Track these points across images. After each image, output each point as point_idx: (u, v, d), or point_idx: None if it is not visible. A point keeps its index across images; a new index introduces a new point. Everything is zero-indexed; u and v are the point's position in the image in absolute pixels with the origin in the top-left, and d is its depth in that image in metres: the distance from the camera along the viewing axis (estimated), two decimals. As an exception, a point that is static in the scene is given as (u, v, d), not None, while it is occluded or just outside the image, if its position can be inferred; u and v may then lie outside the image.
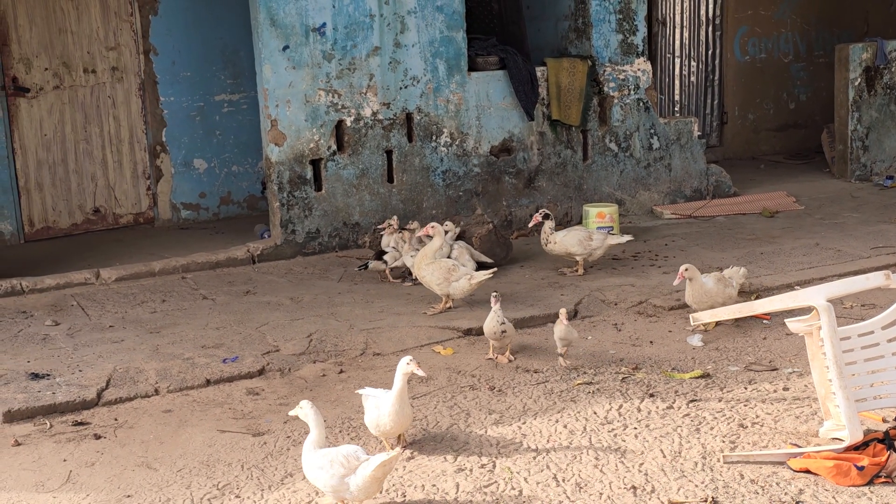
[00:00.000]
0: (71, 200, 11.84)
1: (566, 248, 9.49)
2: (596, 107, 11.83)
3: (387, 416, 5.76)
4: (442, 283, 8.37)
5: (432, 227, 8.53)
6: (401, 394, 5.76)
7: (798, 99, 16.31)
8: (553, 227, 9.56)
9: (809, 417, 6.24)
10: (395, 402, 5.76)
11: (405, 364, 5.75)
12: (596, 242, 9.51)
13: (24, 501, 5.54)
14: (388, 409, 5.76)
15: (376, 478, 5.04)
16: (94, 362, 7.58)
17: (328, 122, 10.48)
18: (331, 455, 5.13)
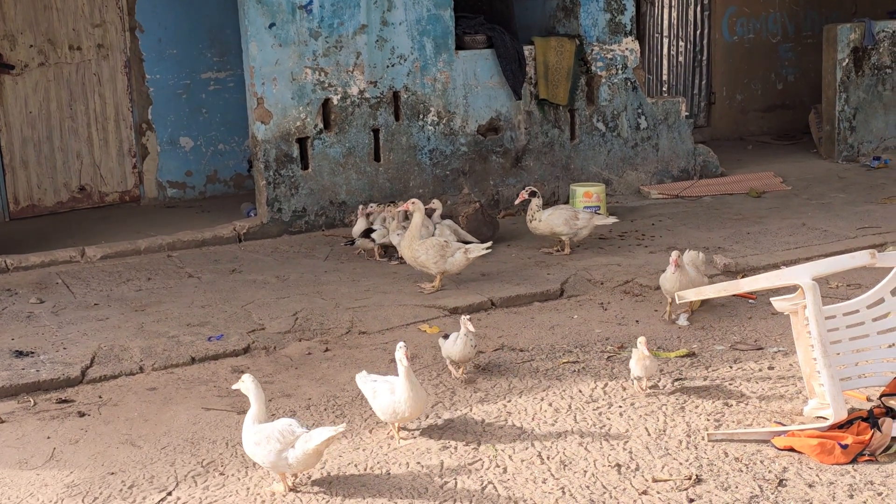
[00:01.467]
0: (56, 178, 11.78)
1: (551, 227, 9.47)
2: (584, 86, 11.80)
3: (404, 402, 5.65)
4: (438, 261, 8.33)
5: (412, 203, 8.45)
6: (409, 377, 5.66)
7: (786, 79, 16.29)
8: (540, 204, 9.54)
9: (794, 396, 6.25)
10: (408, 387, 5.66)
11: (398, 349, 5.73)
12: (581, 222, 9.49)
13: (8, 478, 5.53)
14: (403, 394, 5.65)
15: (318, 451, 5.15)
16: (79, 340, 7.56)
17: (315, 101, 10.44)
18: (266, 431, 5.18)
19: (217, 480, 5.42)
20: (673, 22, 15.25)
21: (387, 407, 5.71)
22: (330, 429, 5.14)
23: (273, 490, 5.28)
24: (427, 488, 5.24)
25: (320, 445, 5.11)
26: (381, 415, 5.77)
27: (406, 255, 8.50)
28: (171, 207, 12.03)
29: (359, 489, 5.26)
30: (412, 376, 5.68)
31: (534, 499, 5.09)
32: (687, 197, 11.78)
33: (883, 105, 13.75)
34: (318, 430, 5.16)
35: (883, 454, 5.41)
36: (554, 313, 8.07)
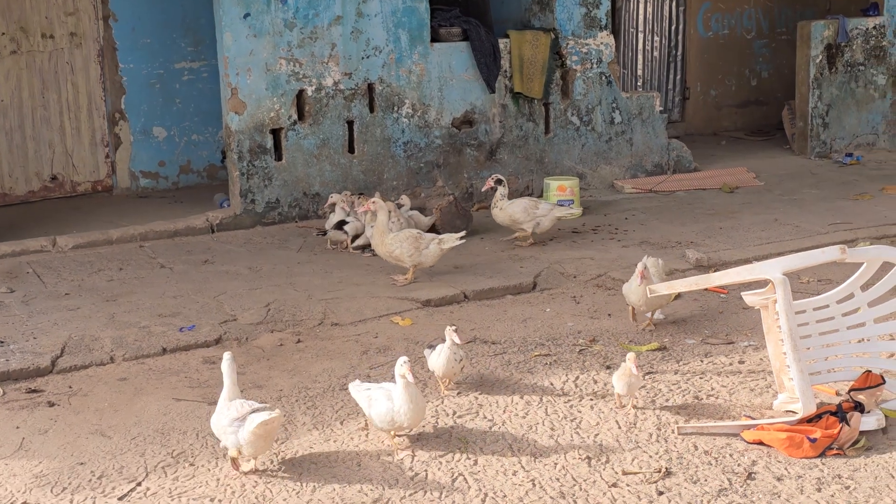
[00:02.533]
0: (28, 167, 11.71)
1: (510, 215, 9.49)
2: (558, 80, 11.81)
3: (404, 411, 5.41)
4: (413, 254, 8.29)
5: (373, 203, 8.36)
6: (408, 387, 5.41)
7: (760, 75, 16.36)
8: (505, 193, 9.55)
9: (764, 390, 6.28)
10: (407, 396, 5.41)
11: (400, 365, 5.44)
12: (541, 211, 9.50)
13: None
14: (403, 404, 5.41)
15: (259, 435, 5.19)
16: (49, 330, 7.52)
17: (289, 92, 10.41)
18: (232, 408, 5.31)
19: (187, 471, 5.40)
20: (648, 17, 15.28)
21: (384, 415, 5.47)
22: (264, 413, 5.20)
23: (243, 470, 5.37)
24: (398, 479, 5.24)
25: (257, 429, 5.15)
26: (379, 423, 5.52)
27: (380, 250, 8.42)
28: (143, 197, 11.98)
29: (329, 480, 5.25)
30: (412, 387, 5.43)
31: (504, 491, 5.10)
32: (660, 192, 11.81)
33: (856, 102, 13.83)
34: (255, 414, 5.22)
35: (851, 448, 5.44)
36: (526, 306, 8.08)
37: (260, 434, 5.19)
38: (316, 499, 5.07)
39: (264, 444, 5.27)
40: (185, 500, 5.09)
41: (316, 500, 5.05)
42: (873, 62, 13.83)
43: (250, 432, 5.17)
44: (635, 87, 15.14)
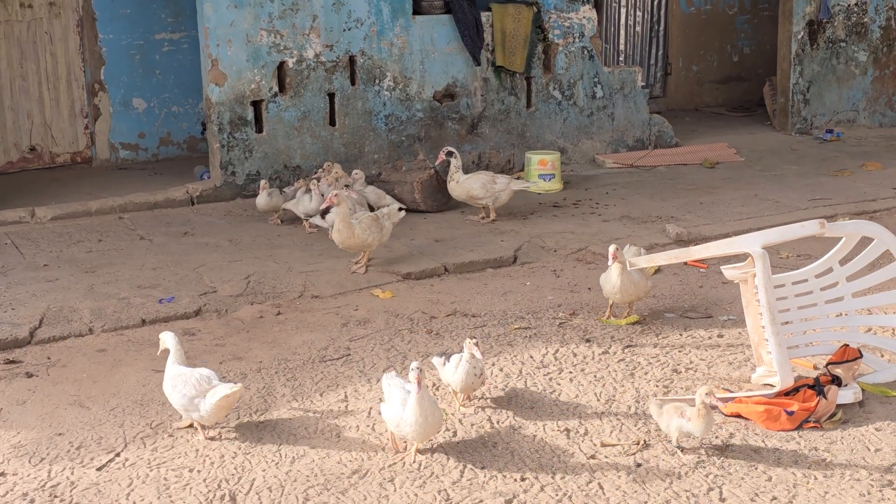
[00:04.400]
0: (6, 138, 11.62)
1: (468, 190, 9.46)
2: (540, 54, 11.78)
3: (409, 425, 5.03)
4: (378, 233, 8.10)
5: (335, 196, 7.93)
6: (421, 400, 5.01)
7: (742, 51, 16.37)
8: (458, 165, 9.50)
9: (742, 364, 6.31)
10: (418, 409, 5.00)
11: (411, 370, 5.07)
12: (499, 186, 9.48)
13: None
14: (410, 417, 5.01)
15: (221, 406, 5.31)
16: (28, 301, 7.48)
17: (270, 63, 10.35)
18: (185, 376, 5.40)
19: (166, 442, 5.40)
20: (631, -9, 15.25)
21: (392, 419, 5.15)
22: (227, 386, 5.31)
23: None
24: (377, 451, 5.25)
25: (220, 401, 5.27)
26: (387, 423, 5.24)
27: (348, 243, 8.01)
28: (123, 169, 11.91)
29: (308, 451, 5.26)
30: (426, 399, 5.05)
31: (483, 462, 5.11)
32: (641, 166, 11.82)
33: (836, 78, 13.85)
34: (219, 386, 5.32)
35: (828, 421, 5.48)
36: (507, 280, 8.09)
37: (221, 406, 5.30)
38: (295, 470, 5.07)
39: (223, 414, 5.41)
40: (164, 470, 5.09)
41: (295, 472, 5.05)
42: (854, 39, 13.84)
43: (212, 405, 5.27)
44: (617, 61, 15.11)
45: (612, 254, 6.85)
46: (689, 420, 5.13)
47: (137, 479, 5.00)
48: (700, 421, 5.10)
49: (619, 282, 6.85)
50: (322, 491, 4.86)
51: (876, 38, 13.97)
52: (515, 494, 4.81)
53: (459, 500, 4.76)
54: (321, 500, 4.78)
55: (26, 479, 5.03)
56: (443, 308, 7.43)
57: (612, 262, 6.85)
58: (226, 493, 4.86)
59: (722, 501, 4.74)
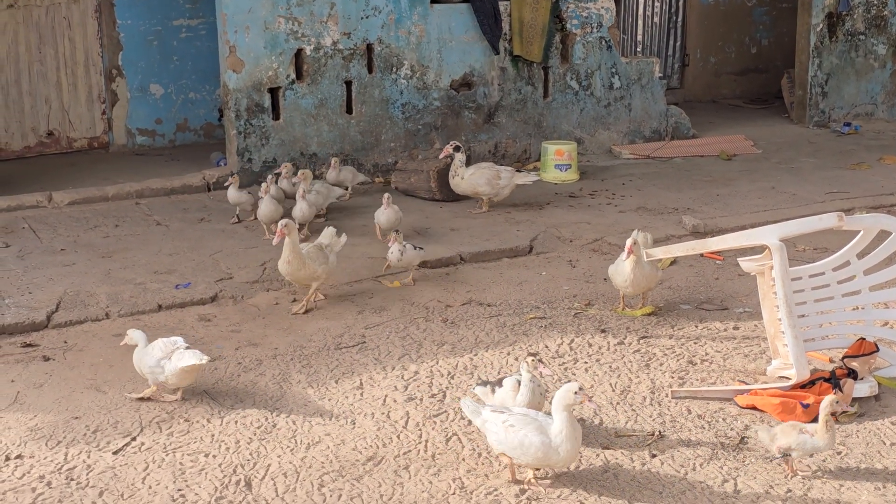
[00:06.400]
0: (24, 122, 11.66)
1: (474, 186, 9.46)
2: (558, 43, 11.76)
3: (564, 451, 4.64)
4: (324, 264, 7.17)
5: (285, 227, 6.94)
6: (572, 422, 4.66)
7: (760, 43, 16.29)
8: (463, 160, 9.50)
9: (758, 356, 6.30)
10: (571, 434, 4.64)
11: (572, 394, 4.64)
12: (503, 181, 9.48)
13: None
14: (564, 443, 4.63)
15: (185, 371, 5.56)
16: (45, 285, 7.51)
17: (287, 50, 10.35)
18: (154, 344, 5.68)
19: (182, 427, 5.42)
20: (649, -18, 15.21)
21: (535, 448, 4.64)
22: (196, 356, 5.54)
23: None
24: (392, 439, 5.26)
25: (186, 367, 5.51)
26: (522, 457, 4.70)
27: (298, 275, 7.13)
28: (140, 155, 11.93)
29: (323, 437, 5.27)
30: (574, 423, 4.70)
31: (498, 451, 5.12)
32: (658, 158, 11.79)
33: (855, 71, 13.78)
34: (188, 353, 5.55)
35: (843, 414, 5.46)
36: (522, 269, 8.09)
37: (186, 372, 5.56)
38: (310, 456, 5.08)
39: (189, 380, 5.65)
40: (180, 455, 5.11)
41: (310, 458, 5.06)
42: (874, 32, 13.77)
43: (177, 369, 5.53)
44: (635, 52, 15.07)
45: (628, 247, 6.75)
46: (812, 435, 4.81)
47: (153, 464, 5.02)
48: (827, 434, 4.80)
49: (633, 274, 6.82)
50: (337, 477, 4.88)
51: (895, 30, 13.89)
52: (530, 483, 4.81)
53: (474, 489, 4.77)
54: (336, 487, 4.79)
55: (43, 461, 5.06)
56: (458, 297, 7.44)
57: (626, 257, 6.75)
58: (241, 478, 4.88)
59: (737, 493, 4.74)
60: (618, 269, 6.96)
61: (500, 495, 4.71)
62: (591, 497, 4.69)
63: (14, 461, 5.06)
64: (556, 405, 4.65)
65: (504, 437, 4.70)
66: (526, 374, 5.17)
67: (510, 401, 5.13)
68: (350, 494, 4.72)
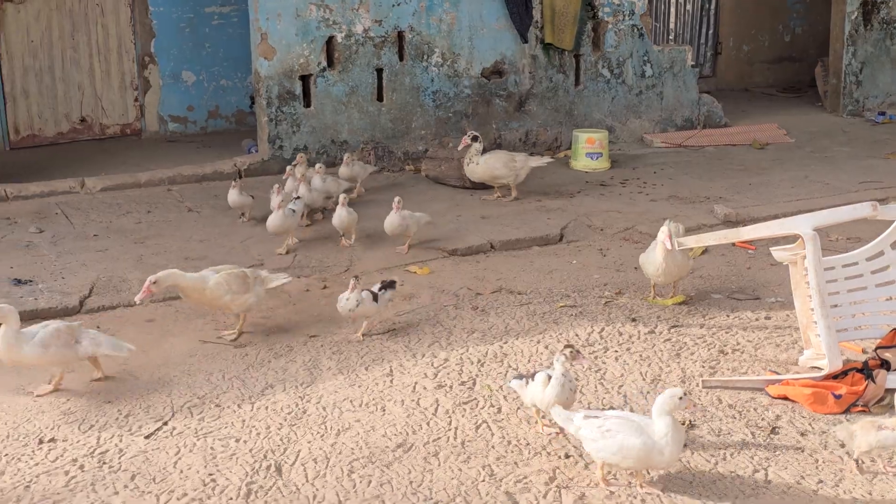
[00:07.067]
0: (57, 109, 11.73)
1: (491, 170, 9.43)
2: (590, 31, 11.71)
3: (669, 453, 4.53)
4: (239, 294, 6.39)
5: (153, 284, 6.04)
6: (676, 424, 4.56)
7: (793, 31, 16.18)
8: (480, 149, 9.47)
9: (790, 346, 6.26)
10: (677, 436, 4.54)
11: (676, 400, 4.55)
12: (519, 164, 9.46)
13: (6, 404, 5.55)
14: (670, 445, 4.51)
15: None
16: (78, 270, 7.57)
17: (319, 38, 10.36)
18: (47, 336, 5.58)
19: (213, 412, 5.44)
20: (682, -31, 15.12)
21: (637, 451, 4.52)
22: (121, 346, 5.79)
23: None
24: (422, 426, 5.27)
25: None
26: (623, 461, 4.58)
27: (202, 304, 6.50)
28: (171, 142, 11.99)
29: (353, 424, 5.28)
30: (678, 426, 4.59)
31: (527, 439, 5.12)
32: (690, 146, 11.74)
33: (890, 60, 13.66)
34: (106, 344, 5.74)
35: (876, 405, 5.43)
36: (553, 258, 8.07)
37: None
38: (340, 442, 5.10)
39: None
40: (211, 440, 5.13)
41: (340, 444, 5.08)
42: (910, 20, 13.65)
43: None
44: (667, 40, 14.99)
45: (667, 237, 6.66)
46: (893, 430, 4.66)
47: (185, 448, 5.05)
48: None
49: (664, 263, 6.79)
50: (367, 464, 4.89)
51: (931, 19, 13.77)
52: (559, 471, 4.81)
53: (503, 476, 4.77)
54: (366, 473, 4.80)
55: (76, 444, 5.09)
56: (488, 285, 7.43)
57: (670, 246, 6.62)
58: (271, 463, 4.90)
59: (767, 483, 4.71)
60: (649, 257, 6.94)
61: (530, 483, 4.70)
62: (622, 486, 4.68)
63: (47, 444, 5.10)
64: (659, 410, 4.55)
65: (603, 444, 4.57)
66: (558, 369, 5.02)
67: (539, 396, 5.06)
68: (380, 481, 4.73)
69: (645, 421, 4.61)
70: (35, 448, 5.06)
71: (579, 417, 4.71)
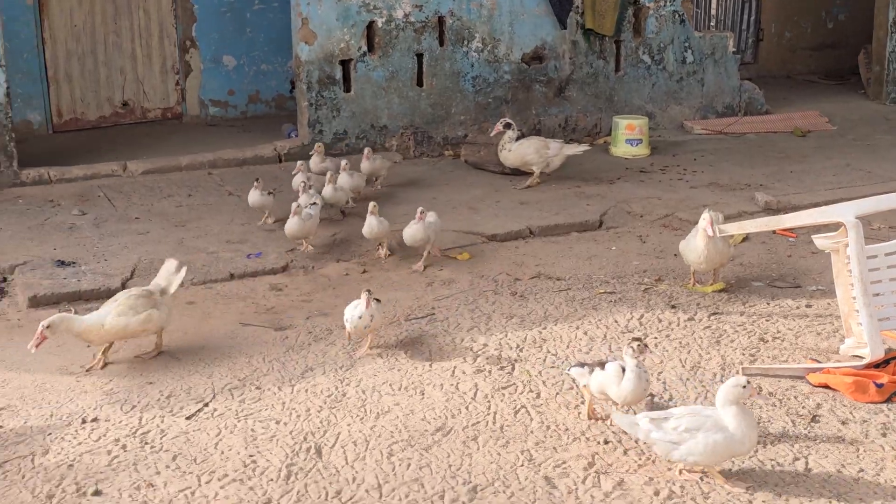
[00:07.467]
0: (99, 92, 11.82)
1: (522, 156, 9.43)
2: (631, 17, 11.66)
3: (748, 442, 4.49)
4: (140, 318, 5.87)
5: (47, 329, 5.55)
6: (744, 412, 4.50)
7: (836, 18, 16.02)
8: (513, 136, 9.47)
9: (831, 334, 6.23)
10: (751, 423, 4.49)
11: (740, 389, 4.48)
12: (552, 151, 9.44)
13: (49, 384, 5.62)
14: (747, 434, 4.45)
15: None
16: (120, 252, 7.64)
17: (359, 23, 10.37)
18: None
19: (253, 394, 5.48)
20: (724, -45, 15.01)
21: (723, 446, 4.46)
22: None
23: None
24: (460, 410, 5.28)
25: None
26: (710, 459, 4.51)
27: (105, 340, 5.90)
28: (212, 126, 12.06)
29: (392, 407, 5.31)
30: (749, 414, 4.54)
31: (566, 424, 5.12)
32: (730, 133, 11.67)
33: (935, 47, 13.51)
34: None
35: (916, 394, 5.40)
36: (592, 244, 8.06)
37: None
38: (379, 426, 5.12)
39: None
40: (252, 421, 5.17)
41: (379, 427, 5.10)
42: (955, 6, 13.48)
43: None
44: (708, 26, 14.89)
45: (708, 223, 6.64)
46: None
47: (225, 429, 5.09)
48: None
49: (706, 250, 6.76)
50: (406, 447, 4.91)
51: (978, 6, 13.59)
52: (598, 456, 4.81)
53: (542, 461, 4.77)
54: (405, 456, 4.82)
55: (118, 425, 5.15)
56: (527, 270, 7.44)
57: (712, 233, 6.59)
58: (311, 445, 4.93)
59: (808, 472, 4.69)
60: (690, 244, 6.91)
61: (569, 468, 4.71)
62: (660, 472, 4.68)
63: (90, 424, 5.15)
64: (723, 400, 4.48)
65: (686, 448, 4.46)
66: (631, 360, 4.94)
67: (613, 387, 4.97)
68: (419, 464, 4.75)
69: (714, 412, 4.53)
70: (78, 427, 5.12)
71: (644, 421, 4.58)
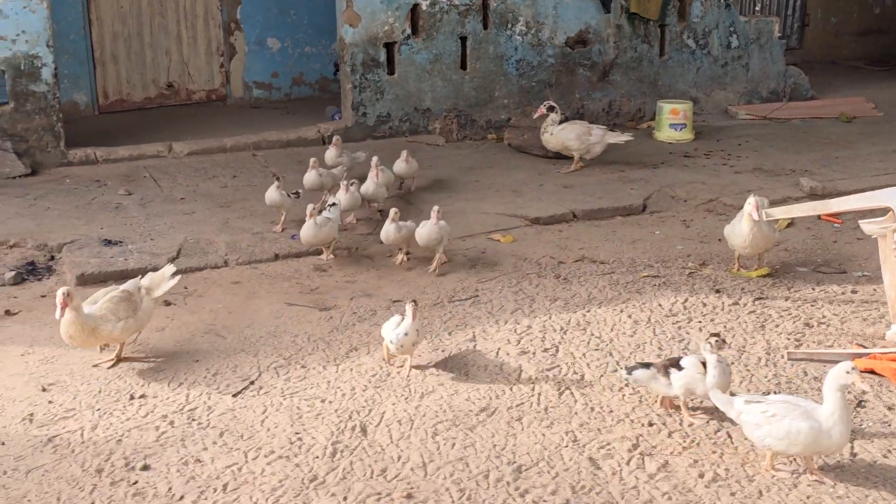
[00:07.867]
0: (145, 74, 11.91)
1: (563, 141, 9.41)
2: (675, 1, 11.59)
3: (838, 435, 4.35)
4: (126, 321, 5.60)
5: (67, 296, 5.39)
6: (844, 405, 4.37)
7: (883, 3, 15.86)
8: (556, 119, 9.46)
9: (877, 320, 6.18)
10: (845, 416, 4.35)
11: (845, 374, 4.35)
12: (594, 138, 9.41)
13: (95, 359, 5.69)
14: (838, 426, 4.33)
15: None
16: (166, 232, 7.70)
17: (404, 5, 10.38)
18: None
19: (298, 373, 5.53)
20: (770, -61, 14.89)
21: (805, 435, 4.36)
22: None
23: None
24: (504, 391, 5.30)
25: None
26: (790, 447, 4.41)
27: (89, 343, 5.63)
28: (256, 108, 12.12)
29: (437, 388, 5.33)
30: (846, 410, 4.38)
31: (610, 406, 5.13)
32: (775, 119, 11.59)
33: (984, 33, 13.36)
34: None
35: (965, 381, 5.35)
36: (636, 228, 8.04)
37: None
38: (424, 405, 5.15)
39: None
40: (297, 399, 5.21)
41: (424, 407, 5.13)
42: None
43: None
44: (754, 11, 14.79)
45: (754, 206, 6.60)
46: None
47: (271, 407, 5.14)
48: None
49: (751, 234, 6.74)
50: (450, 426, 4.93)
51: None
52: (642, 438, 4.81)
53: (586, 442, 4.78)
54: (449, 436, 4.85)
55: (165, 401, 5.21)
56: (571, 254, 7.43)
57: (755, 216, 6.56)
58: (357, 423, 4.96)
59: (853, 457, 4.67)
60: (735, 229, 6.89)
61: (613, 449, 4.72)
62: (704, 455, 4.68)
63: (138, 400, 5.22)
64: (830, 385, 4.36)
65: (767, 430, 4.42)
66: (711, 355, 4.87)
67: (699, 383, 4.87)
68: (463, 443, 4.77)
69: (811, 405, 4.46)
70: (126, 404, 5.19)
71: (740, 402, 4.56)
